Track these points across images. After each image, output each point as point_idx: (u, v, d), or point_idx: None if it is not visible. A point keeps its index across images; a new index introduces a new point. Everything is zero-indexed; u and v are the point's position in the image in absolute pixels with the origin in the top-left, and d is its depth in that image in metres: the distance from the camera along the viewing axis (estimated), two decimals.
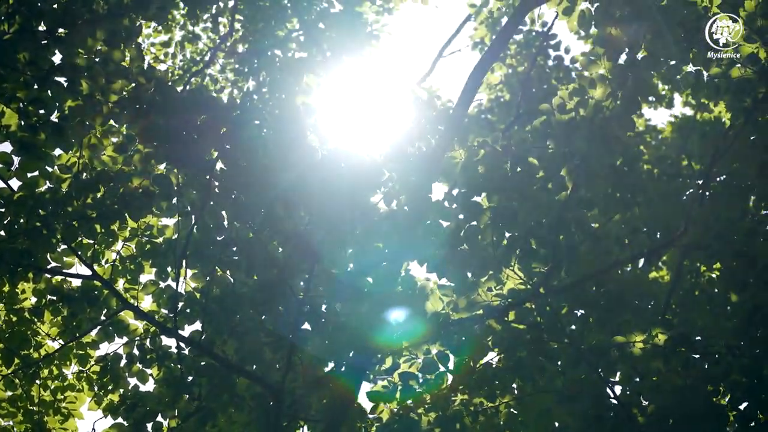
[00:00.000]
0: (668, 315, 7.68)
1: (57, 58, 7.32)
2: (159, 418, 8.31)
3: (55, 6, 6.98)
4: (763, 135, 7.04)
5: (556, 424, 7.43)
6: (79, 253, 7.88)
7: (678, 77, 7.78)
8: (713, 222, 6.90)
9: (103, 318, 8.28)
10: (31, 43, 7.03)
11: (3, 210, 7.56)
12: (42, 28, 7.09)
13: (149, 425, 8.29)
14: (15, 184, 7.72)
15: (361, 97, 7.34)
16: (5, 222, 7.56)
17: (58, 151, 7.68)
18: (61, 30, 7.06)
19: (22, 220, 7.57)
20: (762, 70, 7.32)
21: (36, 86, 7.17)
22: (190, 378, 8.17)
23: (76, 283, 8.36)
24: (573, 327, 7.19)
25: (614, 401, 7.07)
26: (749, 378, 6.80)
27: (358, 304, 7.93)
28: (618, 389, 7.31)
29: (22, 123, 7.33)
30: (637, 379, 8.38)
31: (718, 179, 7.22)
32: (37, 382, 8.73)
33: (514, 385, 7.49)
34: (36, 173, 7.62)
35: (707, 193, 7.03)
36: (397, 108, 8.09)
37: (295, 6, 15.02)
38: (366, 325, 8.04)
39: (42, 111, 7.25)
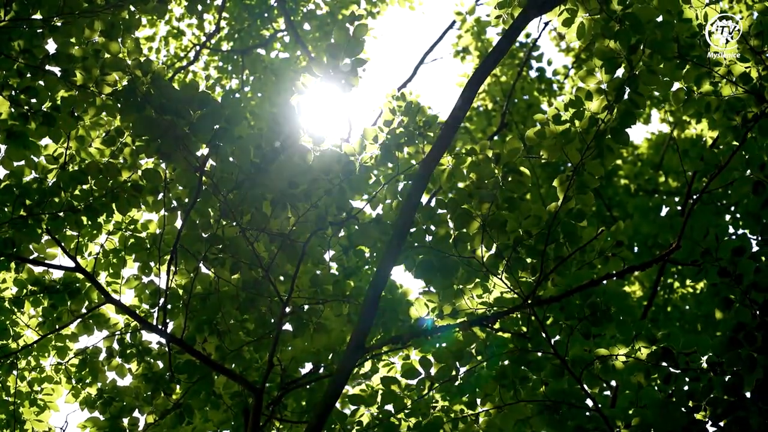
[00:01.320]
0: (643, 331, 7.70)
1: (51, 47, 7.30)
2: (136, 414, 8.29)
3: None
4: (751, 153, 7.07)
5: None
6: (63, 244, 7.84)
7: (657, 94, 7.80)
8: (701, 238, 6.93)
9: (84, 311, 8.25)
10: (27, 32, 6.99)
11: None
12: (38, 16, 7.05)
13: (125, 420, 8.26)
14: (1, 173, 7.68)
15: (349, 99, 7.32)
16: None
17: (44, 142, 7.65)
18: (57, 19, 7.02)
19: (6, 209, 7.51)
20: (753, 89, 7.36)
21: (29, 75, 7.13)
22: (170, 374, 8.15)
23: (58, 274, 8.34)
24: (558, 338, 7.20)
25: (596, 413, 7.09)
26: (730, 395, 6.83)
27: (340, 307, 7.94)
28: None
29: (13, 111, 7.29)
30: (607, 393, 8.39)
31: (704, 196, 7.24)
32: (15, 372, 8.68)
33: (495, 394, 7.48)
34: (22, 162, 7.58)
35: (693, 209, 7.04)
36: (386, 112, 8.08)
37: (281, 6, 15.03)
38: (347, 327, 8.05)
39: (34, 100, 7.21)
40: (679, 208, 14.59)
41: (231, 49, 16.14)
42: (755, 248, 7.42)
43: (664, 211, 15.01)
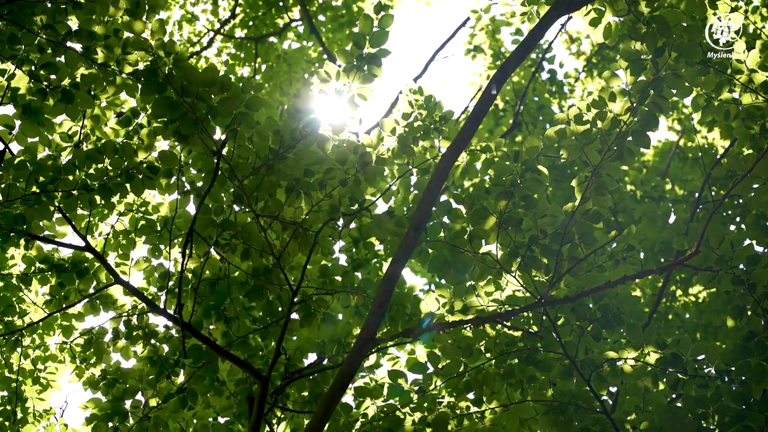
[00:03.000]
0: (652, 335, 7.68)
1: (73, 23, 7.24)
2: (139, 396, 8.24)
3: None
4: None
5: None
6: (73, 223, 7.80)
7: (671, 99, 7.76)
8: (716, 245, 6.91)
9: (91, 291, 8.20)
10: (50, 7, 6.95)
11: (1, 173, 7.46)
12: None
13: (128, 403, 8.22)
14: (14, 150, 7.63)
15: (365, 92, 7.29)
16: (2, 186, 7.45)
17: (58, 119, 7.60)
18: None
19: (19, 185, 7.47)
20: None
21: (50, 50, 7.09)
22: (175, 358, 8.12)
23: (67, 253, 8.30)
24: (568, 338, 7.19)
25: (603, 416, 7.08)
26: (739, 403, 6.82)
27: (348, 298, 7.91)
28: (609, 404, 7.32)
29: (31, 86, 7.25)
30: (605, 398, 8.35)
31: (712, 205, 7.22)
32: (18, 350, 8.64)
33: (503, 392, 7.46)
34: (36, 139, 7.53)
35: (712, 215, 7.03)
36: (405, 105, 8.05)
37: None
38: (354, 319, 8.02)
39: (53, 76, 7.16)
40: (686, 215, 14.55)
41: (245, 36, 16.12)
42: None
43: (672, 218, 14.98)
